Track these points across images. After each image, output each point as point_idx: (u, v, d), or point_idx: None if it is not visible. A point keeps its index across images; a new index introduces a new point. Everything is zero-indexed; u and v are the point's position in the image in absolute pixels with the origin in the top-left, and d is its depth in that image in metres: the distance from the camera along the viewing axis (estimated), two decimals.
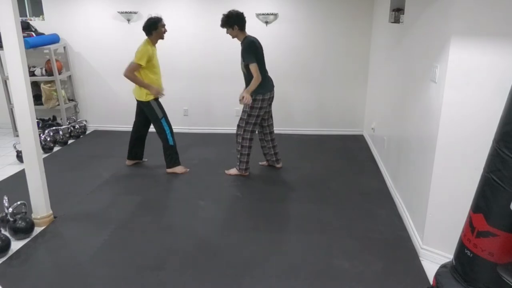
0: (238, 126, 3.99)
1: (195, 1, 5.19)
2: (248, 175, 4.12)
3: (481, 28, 2.24)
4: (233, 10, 3.84)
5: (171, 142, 4.12)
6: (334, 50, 5.22)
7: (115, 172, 4.26)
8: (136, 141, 4.35)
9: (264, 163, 4.35)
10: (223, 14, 3.84)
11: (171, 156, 4.17)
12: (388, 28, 4.10)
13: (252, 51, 3.74)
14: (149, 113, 4.09)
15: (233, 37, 3.90)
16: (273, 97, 4.00)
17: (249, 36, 3.87)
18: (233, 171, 4.14)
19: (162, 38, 4.05)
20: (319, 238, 2.99)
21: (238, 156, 4.06)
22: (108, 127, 5.80)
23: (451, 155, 2.49)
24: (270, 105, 4.05)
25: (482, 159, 2.05)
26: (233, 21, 3.79)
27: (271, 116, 4.15)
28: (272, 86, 3.99)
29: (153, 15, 4.03)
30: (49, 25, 5.43)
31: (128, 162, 4.43)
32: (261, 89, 3.81)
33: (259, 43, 3.89)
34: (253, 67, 3.72)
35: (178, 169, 4.21)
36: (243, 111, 3.92)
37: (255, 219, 3.29)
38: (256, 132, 4.07)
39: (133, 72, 3.87)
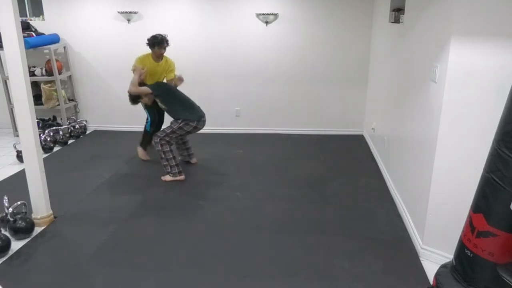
0: (156, 135, 4.00)
1: (196, 1, 5.18)
2: (185, 179, 4.02)
3: (481, 28, 2.24)
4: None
5: (147, 129, 4.58)
6: (334, 50, 5.22)
7: (115, 172, 4.26)
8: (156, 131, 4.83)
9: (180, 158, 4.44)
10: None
11: (144, 139, 4.63)
12: (388, 28, 4.10)
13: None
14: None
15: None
16: (200, 128, 4.06)
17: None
18: (168, 177, 4.02)
19: (157, 57, 4.32)
20: (319, 238, 2.99)
21: (165, 163, 4.00)
22: (108, 127, 5.80)
23: (451, 155, 2.49)
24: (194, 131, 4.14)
25: (482, 159, 2.05)
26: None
27: None
28: (199, 116, 4.02)
29: (163, 34, 4.26)
30: (49, 25, 5.43)
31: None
32: (188, 115, 3.97)
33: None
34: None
35: (139, 151, 4.64)
36: (169, 126, 3.99)
37: (255, 219, 3.29)
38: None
39: (136, 76, 4.14)
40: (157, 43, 4.18)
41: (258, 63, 5.35)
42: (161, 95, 4.08)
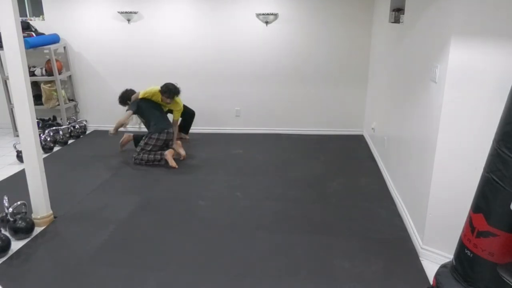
0: (133, 157, 4.48)
1: (196, 1, 5.18)
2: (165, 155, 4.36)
3: (481, 28, 2.24)
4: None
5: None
6: (334, 50, 5.22)
7: (115, 172, 4.26)
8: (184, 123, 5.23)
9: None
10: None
11: (139, 141, 4.77)
12: (388, 28, 4.10)
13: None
14: None
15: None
16: (162, 139, 4.50)
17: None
18: (168, 155, 4.36)
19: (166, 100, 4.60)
20: (319, 238, 2.99)
21: (153, 161, 4.41)
22: (108, 127, 5.76)
23: (451, 155, 2.49)
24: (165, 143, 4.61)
25: (482, 159, 2.05)
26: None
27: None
28: (162, 128, 4.48)
29: (176, 84, 4.55)
30: (49, 25, 5.43)
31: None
32: (151, 129, 4.53)
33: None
34: None
35: (125, 137, 4.91)
36: (138, 145, 4.54)
37: (255, 219, 3.29)
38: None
39: (133, 99, 4.66)
40: (167, 92, 4.45)
41: (258, 63, 5.35)
42: (141, 112, 4.60)
